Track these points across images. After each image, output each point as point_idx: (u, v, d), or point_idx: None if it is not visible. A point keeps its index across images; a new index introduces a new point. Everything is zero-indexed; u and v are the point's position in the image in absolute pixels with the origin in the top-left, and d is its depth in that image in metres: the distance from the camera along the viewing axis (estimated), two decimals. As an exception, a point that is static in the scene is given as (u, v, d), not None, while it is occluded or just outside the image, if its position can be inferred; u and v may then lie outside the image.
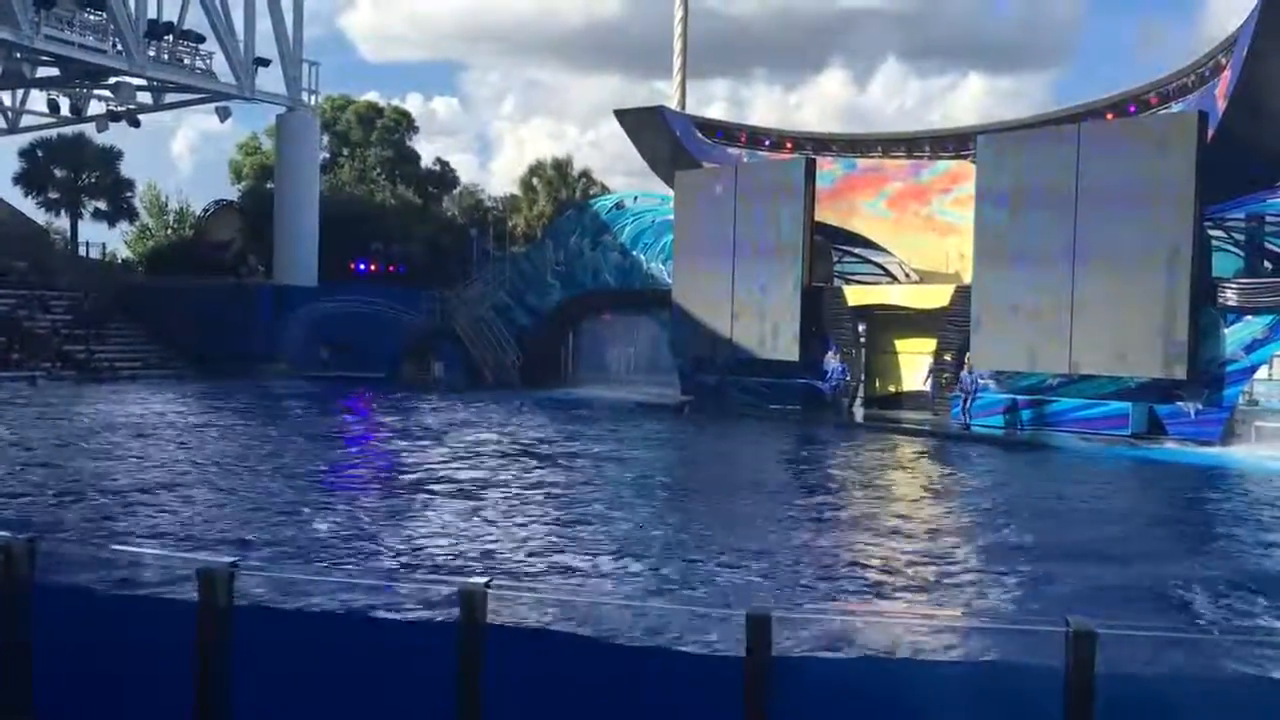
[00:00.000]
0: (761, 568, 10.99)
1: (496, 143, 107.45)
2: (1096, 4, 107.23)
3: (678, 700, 5.91)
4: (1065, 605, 8.82)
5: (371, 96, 57.46)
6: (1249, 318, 22.42)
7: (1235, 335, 22.60)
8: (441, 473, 17.20)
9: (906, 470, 20.52)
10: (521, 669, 6.05)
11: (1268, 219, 23.90)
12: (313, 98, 44.03)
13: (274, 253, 42.91)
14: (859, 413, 28.91)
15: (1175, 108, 25.21)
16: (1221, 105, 23.36)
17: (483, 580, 6.07)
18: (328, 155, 52.92)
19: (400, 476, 16.94)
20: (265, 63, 41.16)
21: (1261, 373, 25.51)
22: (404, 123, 56.13)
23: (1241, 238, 24.76)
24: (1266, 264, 24.44)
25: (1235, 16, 24.11)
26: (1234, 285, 22.84)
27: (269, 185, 47.18)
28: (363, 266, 43.30)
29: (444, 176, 57.90)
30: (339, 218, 43.84)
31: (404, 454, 19.80)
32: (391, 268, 43.48)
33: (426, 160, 57.58)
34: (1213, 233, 24.13)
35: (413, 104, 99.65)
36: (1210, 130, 22.92)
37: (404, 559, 11.04)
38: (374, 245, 42.95)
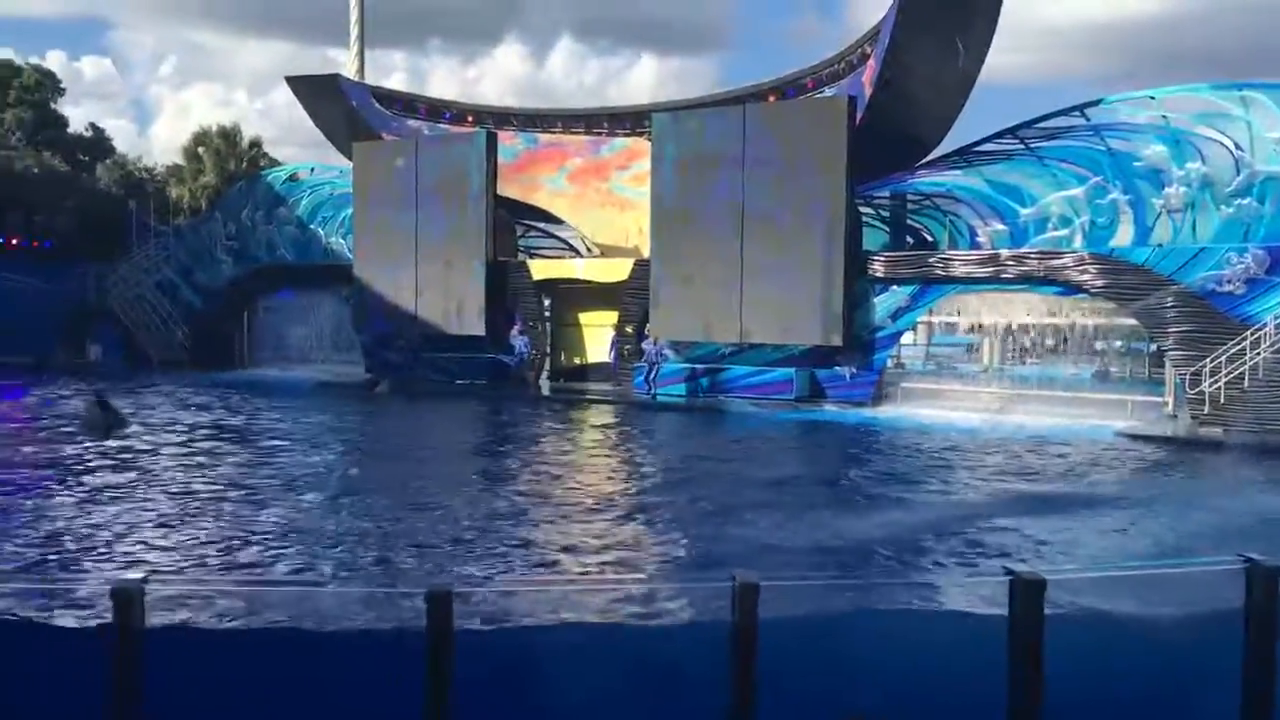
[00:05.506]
0: (440, 541, 10.92)
1: (156, 108, 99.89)
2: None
3: (357, 678, 5.79)
4: (733, 558, 9.32)
5: (4, 54, 51.91)
6: (894, 288, 24.59)
7: (883, 304, 24.74)
8: (81, 470, 15.79)
9: (586, 439, 21.01)
10: (186, 666, 5.71)
11: (909, 198, 26.23)
12: (-67, 51, 39.19)
13: (-111, 225, 37.99)
14: (545, 385, 29.32)
15: (828, 92, 27.12)
16: (868, 91, 25.36)
17: (139, 576, 5.68)
18: (-46, 116, 47.39)
19: (33, 475, 15.40)
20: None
21: (907, 338, 28.00)
22: (48, 83, 51.10)
23: (887, 214, 27.06)
24: (908, 239, 26.85)
25: (877, 10, 26.21)
26: (881, 258, 24.97)
27: (-120, 149, 41.72)
28: None
29: (97, 143, 53.28)
30: (-30, 186, 39.29)
31: (41, 451, 18.02)
32: (36, 241, 39.50)
33: (76, 125, 52.78)
34: (863, 210, 26.23)
35: (54, 62, 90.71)
36: (859, 114, 24.85)
37: (44, 558, 10.11)
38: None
